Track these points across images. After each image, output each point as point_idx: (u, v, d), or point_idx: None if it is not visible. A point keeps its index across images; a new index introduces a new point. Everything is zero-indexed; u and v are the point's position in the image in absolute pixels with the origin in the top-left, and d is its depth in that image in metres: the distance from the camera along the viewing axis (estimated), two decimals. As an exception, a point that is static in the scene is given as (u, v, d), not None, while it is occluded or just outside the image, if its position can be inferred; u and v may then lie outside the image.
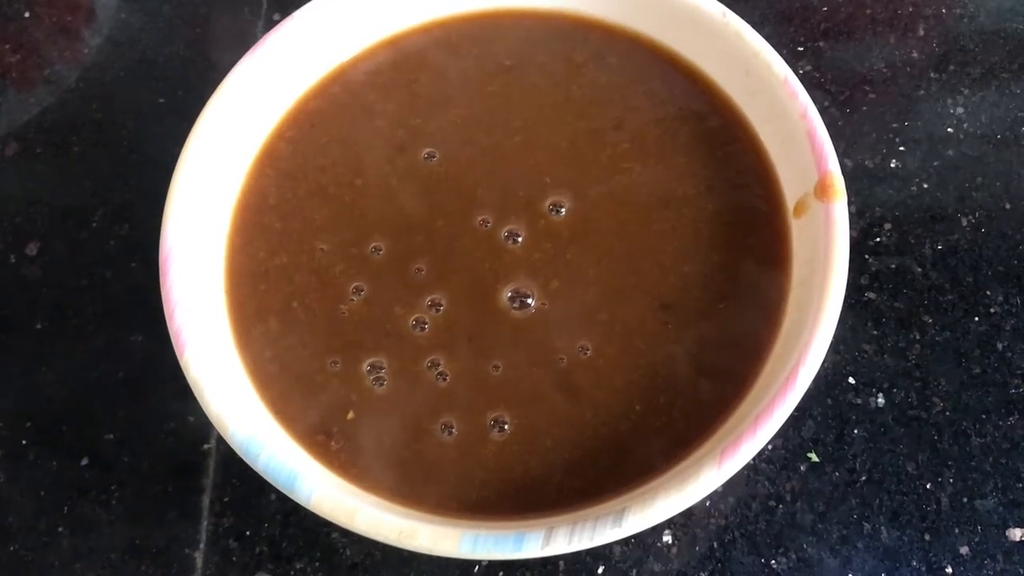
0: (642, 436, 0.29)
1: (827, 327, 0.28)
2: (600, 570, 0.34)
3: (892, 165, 0.41)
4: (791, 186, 0.33)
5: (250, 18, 0.46)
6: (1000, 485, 0.35)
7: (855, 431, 0.36)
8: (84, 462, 0.36)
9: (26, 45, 0.46)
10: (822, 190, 0.31)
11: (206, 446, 0.36)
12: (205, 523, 0.35)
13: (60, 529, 0.35)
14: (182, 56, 0.45)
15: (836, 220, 0.30)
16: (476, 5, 0.37)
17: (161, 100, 0.44)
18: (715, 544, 0.34)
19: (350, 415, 0.30)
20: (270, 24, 0.46)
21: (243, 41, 0.36)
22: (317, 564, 0.34)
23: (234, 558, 0.34)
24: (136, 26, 0.46)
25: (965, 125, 0.42)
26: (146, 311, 0.37)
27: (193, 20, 0.46)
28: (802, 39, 0.45)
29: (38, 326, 0.39)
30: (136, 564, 0.34)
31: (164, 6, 0.47)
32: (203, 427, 0.36)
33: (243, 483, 0.35)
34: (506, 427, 0.30)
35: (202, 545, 0.35)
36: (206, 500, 0.35)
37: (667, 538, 0.34)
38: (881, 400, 0.36)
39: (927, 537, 0.34)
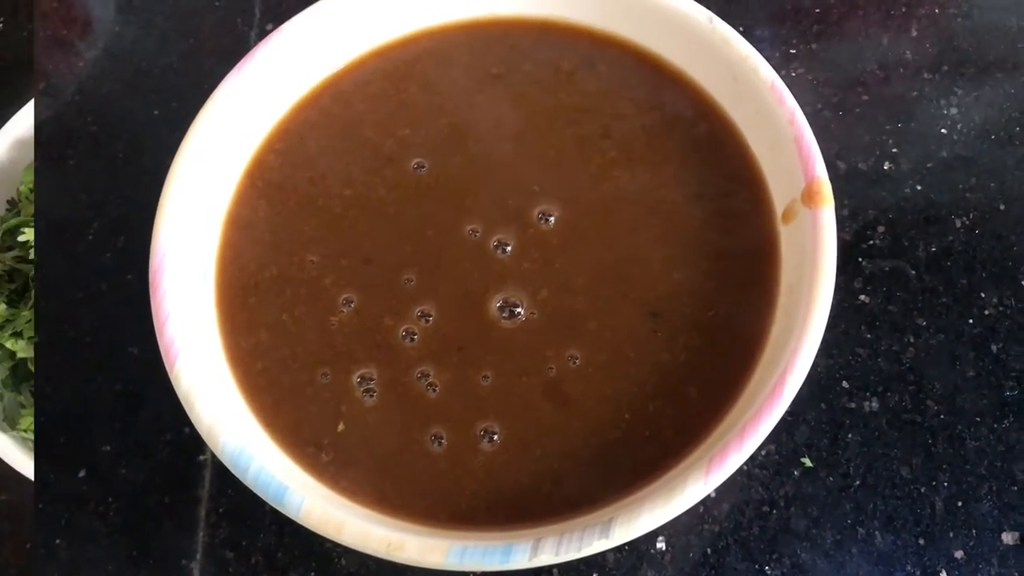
0: (631, 445, 0.29)
1: (814, 335, 0.28)
2: (594, 577, 0.34)
3: (885, 167, 0.41)
4: (779, 192, 0.33)
5: (243, 29, 0.46)
6: (995, 488, 0.35)
7: (849, 435, 0.36)
8: (82, 474, 0.36)
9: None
10: (809, 196, 0.31)
11: (202, 457, 0.36)
12: (201, 534, 0.35)
13: (58, 541, 0.35)
14: (176, 68, 0.45)
15: (824, 226, 0.30)
16: (464, 15, 0.37)
17: (156, 112, 0.44)
18: (709, 550, 0.34)
19: (340, 427, 0.30)
20: (263, 35, 0.45)
21: (236, 52, 0.37)
22: (312, 574, 0.34)
23: (230, 568, 0.34)
24: (131, 38, 0.47)
25: (959, 125, 0.42)
26: (142, 323, 0.36)
27: (187, 32, 0.47)
28: (794, 41, 0.45)
29: (35, 339, 0.39)
30: (133, 575, 0.35)
31: (158, 18, 0.47)
32: (199, 439, 0.35)
33: (238, 494, 0.36)
34: (496, 437, 0.30)
35: (198, 556, 0.35)
36: (202, 511, 0.35)
37: (661, 545, 0.34)
38: (875, 404, 0.36)
39: (921, 541, 0.34)
